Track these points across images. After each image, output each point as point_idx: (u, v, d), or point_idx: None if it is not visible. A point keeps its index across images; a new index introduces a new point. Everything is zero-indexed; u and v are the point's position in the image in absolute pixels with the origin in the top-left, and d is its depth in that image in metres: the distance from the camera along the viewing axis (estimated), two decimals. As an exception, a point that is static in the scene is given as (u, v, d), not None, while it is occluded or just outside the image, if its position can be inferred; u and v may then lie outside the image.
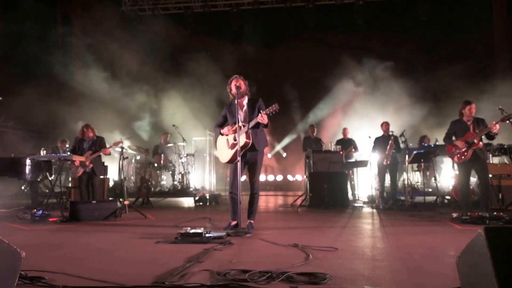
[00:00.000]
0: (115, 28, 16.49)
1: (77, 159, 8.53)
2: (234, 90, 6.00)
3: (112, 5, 17.88)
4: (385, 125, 10.85)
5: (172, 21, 18.05)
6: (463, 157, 7.45)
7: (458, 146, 7.49)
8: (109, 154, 9.26)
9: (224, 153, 6.18)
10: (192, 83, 16.91)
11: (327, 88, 16.56)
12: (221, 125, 6.36)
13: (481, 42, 14.60)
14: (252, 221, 6.13)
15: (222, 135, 6.21)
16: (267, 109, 5.66)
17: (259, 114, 5.68)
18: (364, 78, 16.59)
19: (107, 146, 8.87)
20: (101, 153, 8.79)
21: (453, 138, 7.71)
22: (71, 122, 14.63)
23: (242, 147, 5.82)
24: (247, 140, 5.85)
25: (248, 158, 6.08)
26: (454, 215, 7.17)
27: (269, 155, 17.84)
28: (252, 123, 5.84)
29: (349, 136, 12.63)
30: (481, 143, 7.44)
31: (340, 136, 12.84)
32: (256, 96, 6.27)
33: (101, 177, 9.41)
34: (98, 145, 8.84)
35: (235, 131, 5.94)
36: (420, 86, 15.27)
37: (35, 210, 7.74)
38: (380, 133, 10.90)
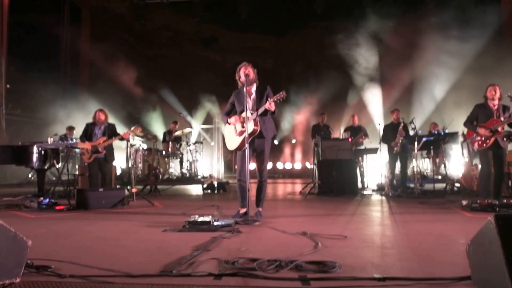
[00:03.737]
0: (125, 17, 16.53)
1: (82, 146, 8.51)
2: (242, 77, 5.94)
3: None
4: (396, 113, 10.75)
5: (181, 10, 18.04)
6: (484, 145, 7.18)
7: (480, 133, 7.20)
8: (128, 139, 9.13)
9: (232, 140, 6.15)
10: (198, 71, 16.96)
11: (335, 75, 16.44)
12: (229, 112, 6.34)
13: (491, 41, 14.39)
14: (260, 209, 6.09)
15: (230, 124, 6.18)
16: (274, 96, 5.65)
17: (267, 101, 5.65)
18: (373, 66, 16.46)
19: (124, 132, 8.78)
20: (118, 139, 8.66)
21: (474, 123, 7.42)
22: (79, 109, 14.66)
23: (250, 134, 5.79)
24: (255, 127, 5.81)
25: (256, 145, 6.03)
26: (464, 202, 7.09)
27: (276, 142, 17.77)
28: (260, 110, 5.80)
29: (358, 123, 12.48)
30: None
31: (348, 124, 12.73)
32: (264, 84, 6.21)
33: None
34: (111, 131, 8.80)
35: (243, 121, 5.89)
36: (431, 75, 15.13)
37: (41, 198, 7.75)
38: (389, 121, 10.83)
